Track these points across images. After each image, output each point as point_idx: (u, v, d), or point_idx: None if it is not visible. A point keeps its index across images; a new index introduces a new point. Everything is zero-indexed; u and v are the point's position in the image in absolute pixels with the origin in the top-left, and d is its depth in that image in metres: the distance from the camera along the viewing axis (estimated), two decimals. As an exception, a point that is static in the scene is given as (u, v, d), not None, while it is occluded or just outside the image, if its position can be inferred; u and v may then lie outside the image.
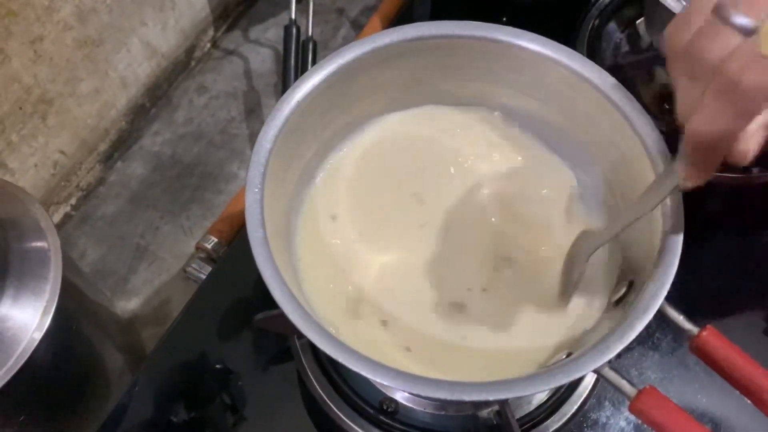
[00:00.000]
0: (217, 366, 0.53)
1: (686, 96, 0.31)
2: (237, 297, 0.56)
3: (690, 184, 0.33)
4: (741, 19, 0.28)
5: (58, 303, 0.45)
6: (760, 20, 0.27)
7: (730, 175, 0.57)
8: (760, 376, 0.33)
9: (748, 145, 0.30)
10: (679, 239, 0.37)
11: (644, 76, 0.63)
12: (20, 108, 0.58)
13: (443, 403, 0.48)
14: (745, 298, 0.55)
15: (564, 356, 0.38)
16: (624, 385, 0.34)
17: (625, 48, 0.66)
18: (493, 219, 0.46)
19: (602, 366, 0.33)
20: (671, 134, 0.55)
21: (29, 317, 0.44)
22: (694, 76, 0.30)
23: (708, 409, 0.50)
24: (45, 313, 0.44)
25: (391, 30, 0.43)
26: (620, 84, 0.41)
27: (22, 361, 0.42)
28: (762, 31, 0.27)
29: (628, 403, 0.34)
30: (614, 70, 0.42)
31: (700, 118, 0.29)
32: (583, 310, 0.42)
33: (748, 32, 0.28)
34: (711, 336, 0.34)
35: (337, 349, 0.34)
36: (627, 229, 0.37)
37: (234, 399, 0.52)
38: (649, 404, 0.33)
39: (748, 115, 0.29)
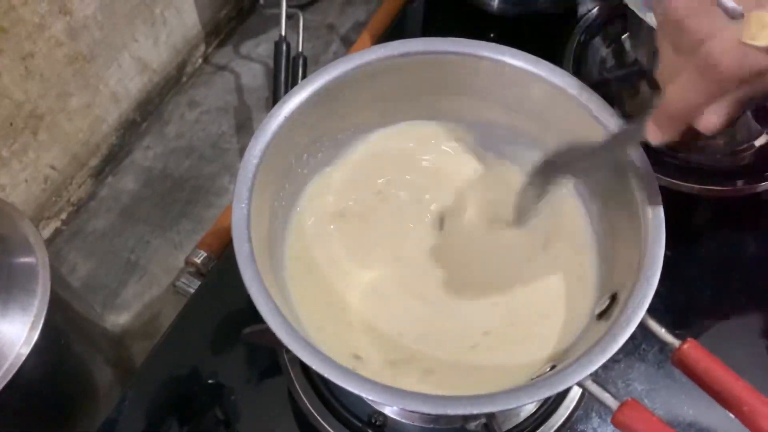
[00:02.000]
0: (208, 380, 0.53)
1: (668, 63, 0.33)
2: (226, 310, 0.56)
3: (652, 142, 0.35)
4: (731, 4, 0.30)
5: (46, 317, 0.44)
6: (749, 11, 0.29)
7: (716, 187, 0.58)
8: (740, 389, 0.33)
9: (715, 118, 0.32)
10: (660, 252, 0.37)
11: (629, 90, 0.63)
12: (11, 124, 0.59)
13: (430, 417, 0.48)
14: (731, 309, 0.55)
15: (548, 369, 0.38)
16: (607, 398, 0.34)
17: (611, 63, 0.66)
18: (479, 235, 0.46)
19: (585, 379, 0.34)
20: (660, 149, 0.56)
21: (17, 332, 0.44)
22: (679, 47, 0.32)
23: (695, 420, 0.50)
24: (33, 327, 0.44)
25: (377, 46, 0.44)
26: (602, 98, 0.42)
27: (9, 376, 0.42)
28: (748, 20, 0.29)
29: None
30: (600, 85, 0.43)
31: (676, 88, 0.32)
32: (568, 323, 0.42)
33: (736, 17, 0.30)
34: (692, 349, 0.34)
35: (323, 364, 0.34)
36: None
37: (226, 413, 0.52)
38: (631, 417, 0.33)
39: (720, 94, 0.31)
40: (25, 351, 0.43)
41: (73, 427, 0.54)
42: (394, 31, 0.74)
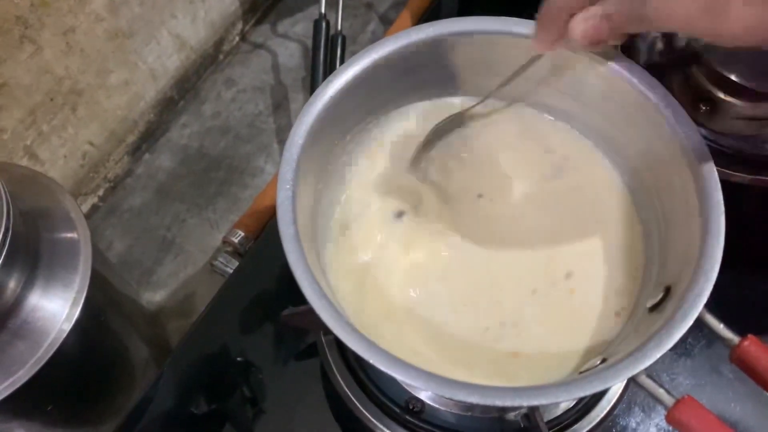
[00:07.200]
0: (242, 360, 0.53)
1: None
2: (263, 291, 0.55)
3: (536, 48, 0.38)
4: None
5: (87, 294, 0.45)
6: None
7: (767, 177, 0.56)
8: (805, 389, 0.31)
9: (582, 26, 0.33)
10: (719, 244, 0.36)
11: (679, 76, 0.61)
12: (51, 99, 0.59)
13: (472, 406, 0.47)
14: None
15: (598, 362, 0.37)
16: (661, 393, 0.33)
17: (660, 47, 0.64)
18: (532, 219, 0.45)
19: (639, 374, 0.33)
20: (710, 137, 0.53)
21: (59, 308, 0.44)
22: None
23: (741, 419, 0.48)
24: (74, 304, 0.44)
25: (425, 25, 0.43)
26: (659, 82, 0.40)
27: (52, 352, 0.43)
28: None
29: (664, 412, 0.33)
30: (649, 69, 0.41)
31: None
32: (608, 314, 0.41)
33: None
34: (753, 345, 0.33)
35: (367, 350, 0.33)
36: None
37: (255, 393, 0.52)
38: (687, 414, 0.32)
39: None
40: (67, 327, 0.43)
41: (110, 403, 0.54)
42: (433, 11, 0.72)
